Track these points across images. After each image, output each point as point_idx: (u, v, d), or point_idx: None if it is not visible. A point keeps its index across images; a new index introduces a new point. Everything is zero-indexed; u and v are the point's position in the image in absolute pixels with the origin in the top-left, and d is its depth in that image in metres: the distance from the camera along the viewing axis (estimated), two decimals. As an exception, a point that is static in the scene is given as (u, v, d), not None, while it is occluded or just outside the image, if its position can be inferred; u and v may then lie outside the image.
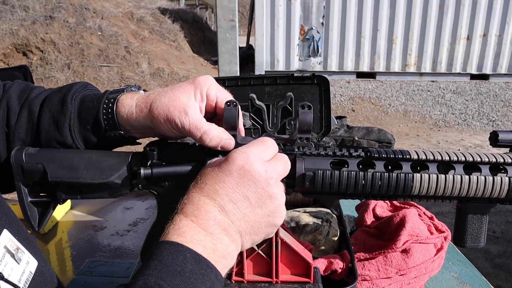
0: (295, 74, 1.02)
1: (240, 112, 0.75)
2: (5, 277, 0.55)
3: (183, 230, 0.56)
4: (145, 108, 0.70)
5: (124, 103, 0.71)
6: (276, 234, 0.72)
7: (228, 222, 0.58)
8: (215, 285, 0.54)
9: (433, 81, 8.48)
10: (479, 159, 0.68)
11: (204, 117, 0.70)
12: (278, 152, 0.68)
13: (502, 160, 0.68)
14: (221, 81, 1.01)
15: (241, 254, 0.73)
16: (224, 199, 0.59)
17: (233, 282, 0.75)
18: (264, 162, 0.62)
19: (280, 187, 0.63)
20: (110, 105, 0.71)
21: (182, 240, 0.55)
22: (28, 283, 0.59)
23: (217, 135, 0.67)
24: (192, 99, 0.69)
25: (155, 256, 0.53)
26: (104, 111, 0.72)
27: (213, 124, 0.69)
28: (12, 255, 0.58)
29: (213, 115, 0.74)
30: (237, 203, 0.59)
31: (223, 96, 0.72)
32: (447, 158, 0.68)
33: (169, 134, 0.71)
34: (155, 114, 0.68)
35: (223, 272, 0.57)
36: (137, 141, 0.78)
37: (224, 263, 0.57)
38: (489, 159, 0.68)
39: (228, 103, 0.68)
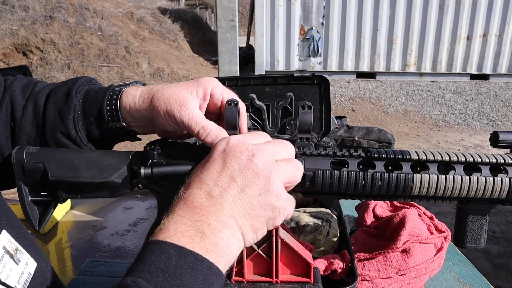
0: (295, 74, 1.02)
1: (245, 113, 0.75)
2: (3, 279, 0.54)
3: (166, 226, 0.53)
4: (147, 99, 0.70)
5: (128, 94, 0.72)
6: (276, 234, 0.72)
7: (217, 207, 0.55)
8: (209, 277, 0.50)
9: (433, 81, 8.48)
10: (479, 160, 0.68)
11: (209, 118, 0.71)
12: None
13: (502, 161, 0.68)
14: (221, 81, 1.01)
15: (241, 253, 0.73)
16: (210, 185, 0.56)
17: (233, 282, 0.75)
18: (246, 142, 0.59)
19: (269, 165, 0.58)
20: (115, 96, 0.72)
21: (165, 236, 0.51)
22: (28, 283, 0.59)
23: (214, 132, 0.67)
24: (193, 95, 0.70)
25: (138, 257, 0.51)
26: (108, 102, 0.72)
27: (212, 122, 0.69)
28: (11, 256, 0.58)
29: (217, 117, 0.74)
30: (223, 186, 0.56)
31: (228, 95, 0.73)
32: (447, 158, 0.68)
33: (167, 127, 0.72)
34: (155, 105, 0.69)
35: (219, 262, 0.52)
36: (138, 136, 0.79)
37: (218, 252, 0.52)
38: (489, 160, 0.68)
39: (229, 102, 0.68)
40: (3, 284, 0.54)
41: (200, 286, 0.48)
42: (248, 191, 0.57)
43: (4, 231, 0.58)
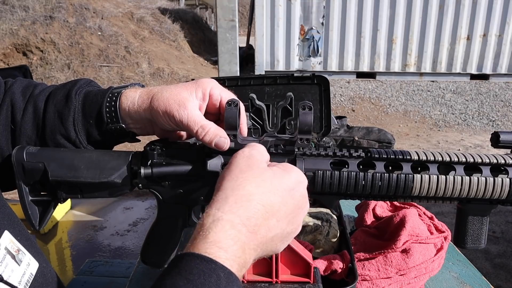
0: (295, 74, 1.02)
1: (244, 113, 0.75)
2: (5, 278, 0.54)
3: (227, 243, 0.49)
4: (146, 100, 0.71)
5: (127, 96, 0.73)
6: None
7: (265, 240, 0.55)
8: None
9: (433, 81, 8.48)
10: (479, 160, 0.68)
11: (208, 118, 0.71)
12: (279, 152, 0.69)
13: (503, 161, 0.68)
14: (221, 81, 1.01)
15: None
16: (280, 221, 0.56)
17: (233, 282, 0.74)
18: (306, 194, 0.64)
19: (305, 210, 0.63)
20: (114, 98, 0.73)
21: (221, 256, 0.48)
22: (29, 284, 0.59)
23: (212, 131, 0.68)
24: (193, 96, 0.71)
25: (183, 272, 0.46)
26: (107, 104, 0.73)
27: (211, 122, 0.70)
28: (13, 257, 0.58)
29: (217, 117, 0.75)
30: (280, 221, 0.57)
31: (227, 96, 0.73)
32: (448, 159, 0.68)
33: (167, 127, 0.72)
34: (155, 105, 0.70)
35: None
36: (137, 138, 0.79)
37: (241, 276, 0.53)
38: (489, 160, 0.68)
39: (229, 103, 0.68)
40: (6, 282, 0.54)
41: None
42: (286, 227, 0.58)
43: (6, 232, 0.58)
